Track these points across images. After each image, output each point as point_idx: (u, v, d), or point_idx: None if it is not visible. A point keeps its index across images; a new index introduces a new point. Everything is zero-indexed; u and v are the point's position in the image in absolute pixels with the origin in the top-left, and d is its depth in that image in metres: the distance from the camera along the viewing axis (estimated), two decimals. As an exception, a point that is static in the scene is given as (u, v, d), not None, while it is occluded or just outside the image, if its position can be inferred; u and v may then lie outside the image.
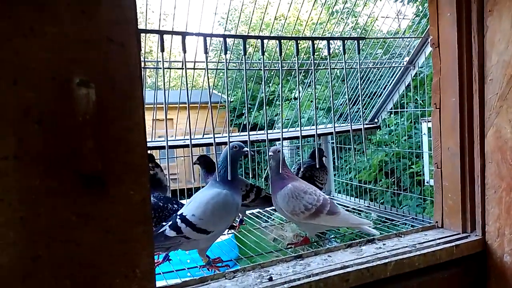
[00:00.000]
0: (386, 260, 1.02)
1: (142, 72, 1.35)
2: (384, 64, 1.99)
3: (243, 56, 1.15)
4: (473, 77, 1.17)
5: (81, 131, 0.69)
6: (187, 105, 1.09)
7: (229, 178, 1.30)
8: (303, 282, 0.92)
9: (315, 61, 1.54)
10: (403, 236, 1.21)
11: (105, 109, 0.71)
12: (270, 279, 0.93)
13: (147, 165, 0.80)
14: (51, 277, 0.69)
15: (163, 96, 1.23)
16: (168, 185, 1.70)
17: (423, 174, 2.68)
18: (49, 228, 0.69)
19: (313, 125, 2.09)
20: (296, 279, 0.92)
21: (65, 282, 0.71)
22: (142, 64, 1.38)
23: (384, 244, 1.14)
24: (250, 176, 1.74)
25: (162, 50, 1.07)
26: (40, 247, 0.68)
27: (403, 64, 1.95)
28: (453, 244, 1.13)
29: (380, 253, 1.07)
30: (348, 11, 3.47)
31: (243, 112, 4.65)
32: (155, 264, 1.40)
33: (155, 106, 1.54)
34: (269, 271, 0.99)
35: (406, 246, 1.11)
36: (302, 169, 1.98)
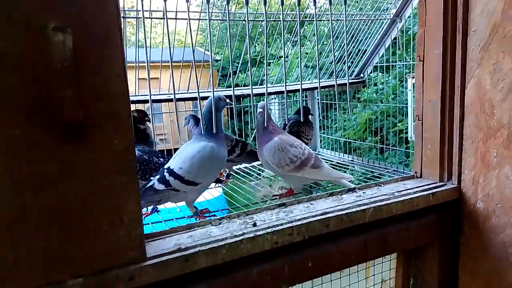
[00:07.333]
0: (365, 207, 1.07)
1: (122, 22, 1.31)
2: (371, 17, 1.96)
3: (226, 5, 1.12)
4: (457, 28, 1.17)
5: (59, 78, 0.69)
6: (169, 55, 1.07)
7: (214, 131, 1.31)
8: (285, 227, 0.96)
9: (300, 14, 1.51)
10: (382, 185, 1.25)
11: (83, 56, 0.70)
12: (254, 225, 0.97)
13: (130, 114, 0.80)
14: (39, 224, 0.71)
15: (145, 53, 1.20)
16: (154, 140, 1.71)
17: (408, 132, 2.73)
18: (34, 177, 0.70)
19: (304, 80, 2.09)
20: (279, 224, 0.97)
21: (53, 229, 0.73)
22: (122, 13, 1.34)
23: (364, 192, 1.19)
24: (237, 135, 1.76)
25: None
26: (26, 196, 0.70)
27: (390, 16, 1.93)
28: (430, 192, 1.18)
29: (359, 200, 1.11)
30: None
31: (233, 70, 4.56)
32: (144, 215, 1.44)
33: (137, 63, 1.51)
34: (253, 218, 1.03)
35: (385, 194, 1.15)
36: (288, 125, 2.00)
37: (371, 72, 2.35)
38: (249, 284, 0.94)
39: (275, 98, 2.90)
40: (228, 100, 1.37)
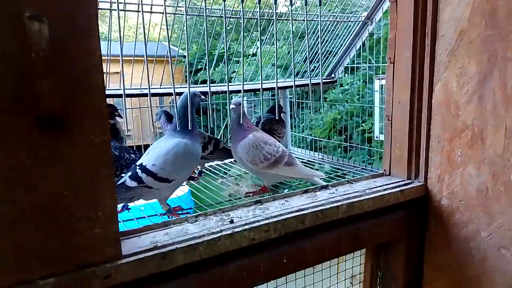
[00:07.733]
0: (338, 204, 1.10)
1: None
2: (343, 18, 2.02)
3: (204, 1, 1.11)
4: (426, 32, 1.23)
5: (35, 69, 0.65)
6: (144, 49, 1.05)
7: (189, 127, 1.30)
8: (262, 223, 0.97)
9: (276, 13, 1.52)
10: (354, 183, 1.29)
11: (60, 47, 0.68)
12: (231, 222, 0.97)
13: (106, 108, 0.78)
14: (15, 220, 0.68)
15: (117, 47, 1.16)
16: (124, 136, 1.66)
17: (373, 132, 2.82)
18: (8, 172, 0.67)
19: (272, 79, 2.11)
20: (256, 221, 0.97)
21: (29, 226, 0.70)
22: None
23: (336, 190, 1.22)
24: (209, 132, 1.74)
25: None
26: (2, 192, 0.67)
27: (361, 19, 1.99)
28: (399, 189, 1.23)
29: (333, 197, 1.14)
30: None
31: (199, 67, 4.51)
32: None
33: (108, 56, 1.46)
34: (230, 214, 1.02)
35: (357, 191, 1.19)
36: (261, 122, 2.01)
37: (341, 73, 2.41)
38: (226, 280, 0.94)
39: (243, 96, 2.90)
40: (203, 97, 1.36)
